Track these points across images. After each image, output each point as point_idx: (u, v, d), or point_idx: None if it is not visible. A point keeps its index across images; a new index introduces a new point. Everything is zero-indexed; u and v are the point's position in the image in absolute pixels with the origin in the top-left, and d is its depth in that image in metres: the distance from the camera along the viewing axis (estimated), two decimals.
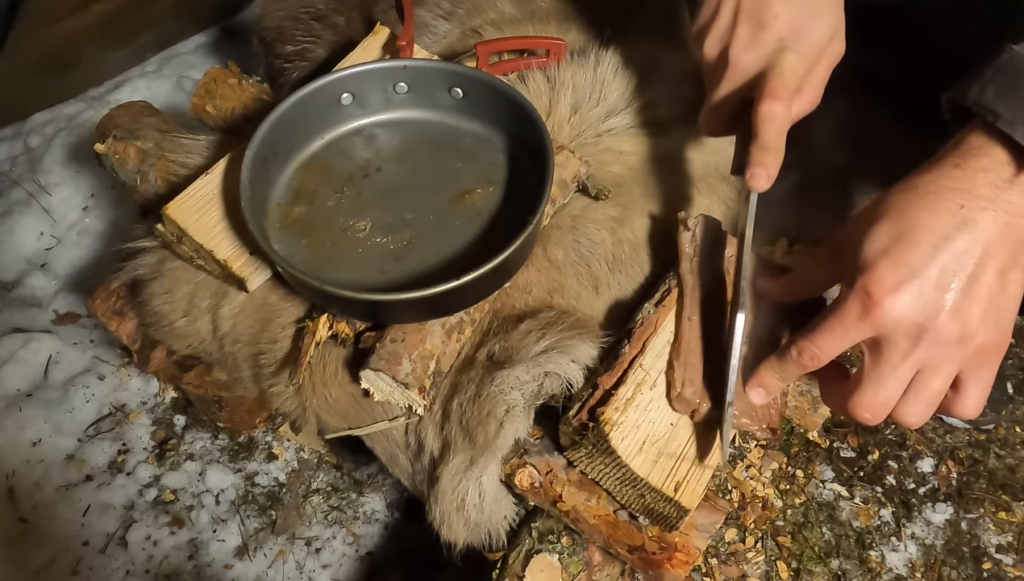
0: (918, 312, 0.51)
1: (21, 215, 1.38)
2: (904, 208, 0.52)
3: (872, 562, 1.10)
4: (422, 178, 0.79)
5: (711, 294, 0.70)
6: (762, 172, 0.62)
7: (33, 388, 1.20)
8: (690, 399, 0.65)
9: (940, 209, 0.51)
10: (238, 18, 1.70)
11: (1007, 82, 0.50)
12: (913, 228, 0.51)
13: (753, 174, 0.62)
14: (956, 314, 0.51)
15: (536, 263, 0.79)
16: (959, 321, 0.51)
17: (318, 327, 0.75)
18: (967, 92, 0.52)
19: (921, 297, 0.50)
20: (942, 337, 0.51)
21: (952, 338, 0.51)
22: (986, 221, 0.50)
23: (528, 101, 0.76)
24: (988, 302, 0.51)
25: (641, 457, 0.64)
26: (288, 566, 1.08)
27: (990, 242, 0.50)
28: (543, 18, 0.98)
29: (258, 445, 1.19)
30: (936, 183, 0.52)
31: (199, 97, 0.98)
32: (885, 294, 0.50)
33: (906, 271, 0.50)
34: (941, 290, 0.50)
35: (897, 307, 0.51)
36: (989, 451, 1.20)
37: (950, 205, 0.51)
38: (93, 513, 1.11)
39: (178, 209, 0.77)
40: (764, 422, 0.66)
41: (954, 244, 0.50)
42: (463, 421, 0.73)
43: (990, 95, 0.51)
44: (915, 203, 0.52)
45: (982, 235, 0.50)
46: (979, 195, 0.50)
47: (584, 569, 0.76)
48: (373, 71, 0.80)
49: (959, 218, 0.50)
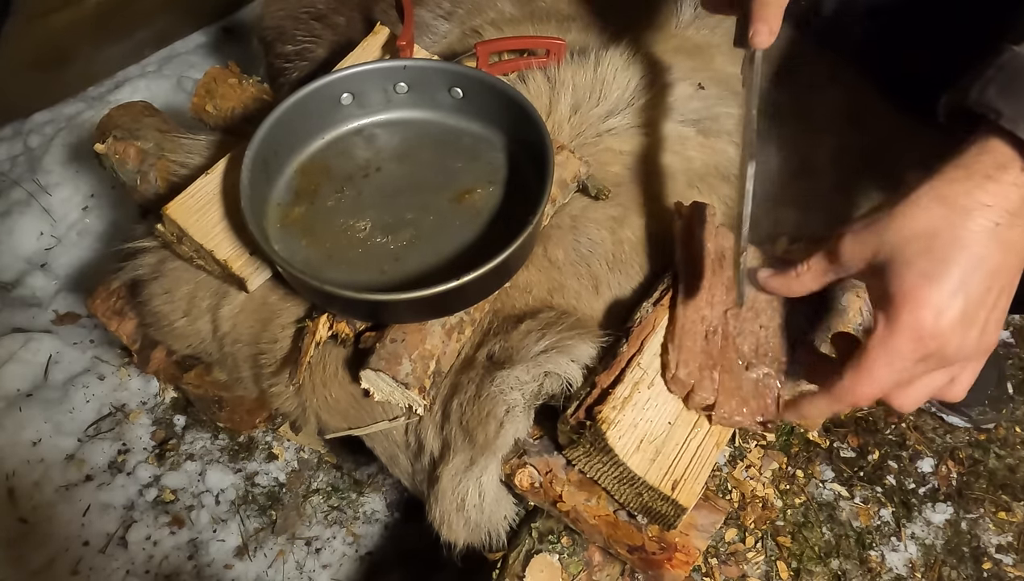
0: (961, 336, 0.51)
1: (21, 215, 1.38)
2: (938, 225, 0.51)
3: (872, 562, 1.10)
4: (422, 178, 0.79)
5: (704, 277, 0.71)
6: (763, 27, 0.62)
7: (33, 388, 1.20)
8: (685, 380, 0.66)
9: (977, 227, 0.50)
10: (238, 17, 1.70)
11: (1008, 81, 0.50)
12: (951, 247, 0.50)
13: (755, 31, 0.62)
14: (984, 329, 0.52)
15: (536, 263, 0.79)
16: (984, 334, 0.52)
17: (318, 327, 0.75)
18: (968, 93, 0.52)
19: (963, 320, 0.51)
20: (968, 351, 0.52)
21: (974, 349, 0.52)
22: (1016, 237, 0.50)
23: (528, 101, 0.76)
24: (1003, 311, 0.52)
25: (638, 455, 0.65)
26: (288, 566, 1.08)
27: (1019, 255, 0.51)
28: (543, 18, 0.98)
29: (258, 445, 1.19)
30: (970, 197, 0.50)
31: (199, 97, 0.98)
32: (935, 323, 0.50)
33: (951, 298, 0.50)
34: (979, 309, 0.51)
35: (945, 334, 0.51)
36: (989, 451, 1.20)
37: (987, 223, 0.50)
38: (93, 513, 1.11)
39: (178, 209, 0.77)
40: (759, 414, 0.66)
41: (988, 263, 0.50)
42: (463, 421, 0.73)
43: (991, 94, 0.51)
44: (950, 220, 0.50)
45: (1012, 251, 0.51)
46: (1012, 211, 0.50)
47: (584, 569, 0.76)
48: (373, 71, 0.80)
49: (996, 239, 0.50)
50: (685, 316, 0.69)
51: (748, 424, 0.66)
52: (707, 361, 0.67)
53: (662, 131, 0.86)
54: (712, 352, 0.67)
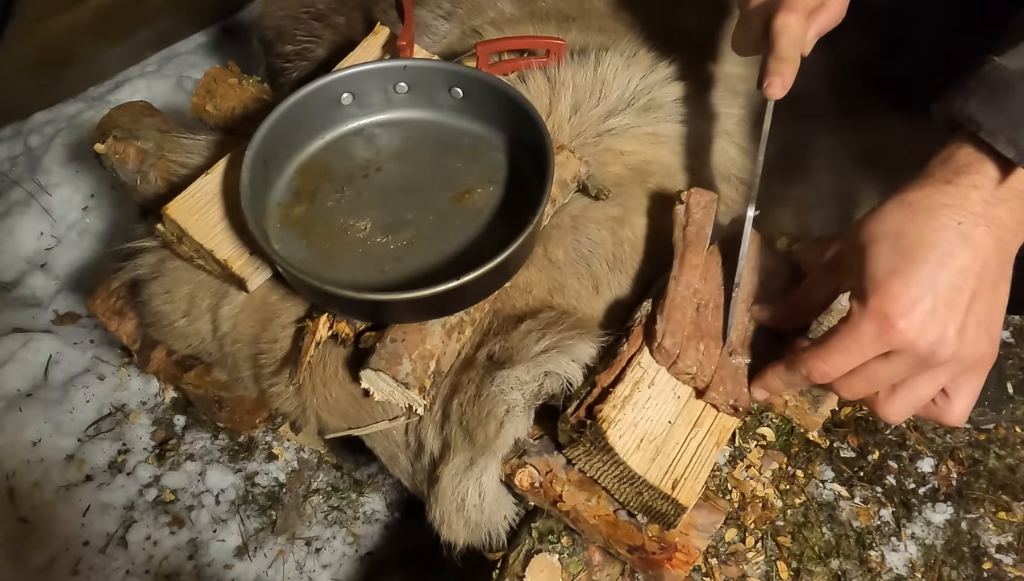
0: (931, 331, 0.51)
1: (21, 215, 1.38)
2: (904, 225, 0.52)
3: (872, 562, 1.10)
4: (422, 178, 0.79)
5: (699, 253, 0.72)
6: (777, 80, 0.65)
7: (33, 388, 1.20)
8: (670, 350, 0.67)
9: (939, 226, 0.51)
10: (238, 17, 1.70)
11: (989, 94, 0.51)
12: (917, 245, 0.51)
13: (769, 83, 0.65)
14: (961, 332, 0.52)
15: (536, 263, 0.79)
16: (962, 338, 0.52)
17: (318, 327, 0.75)
18: (952, 103, 0.53)
19: (934, 316, 0.51)
20: (945, 352, 0.52)
21: (953, 353, 0.52)
22: (982, 237, 0.51)
23: (528, 101, 0.76)
24: (985, 316, 0.53)
25: (639, 455, 0.65)
26: (288, 566, 1.08)
27: (987, 258, 0.51)
28: (543, 18, 0.98)
29: (258, 445, 1.19)
30: (931, 199, 0.52)
31: (199, 97, 0.98)
32: (900, 315, 0.51)
33: (918, 290, 0.51)
34: (950, 309, 0.51)
35: (913, 327, 0.51)
36: (989, 451, 1.20)
37: (948, 222, 0.51)
38: (93, 513, 1.11)
39: (178, 209, 0.77)
40: (732, 398, 0.67)
41: (957, 261, 0.51)
42: (463, 421, 0.73)
43: (973, 106, 0.51)
44: (914, 220, 0.52)
45: (980, 251, 0.51)
46: (974, 212, 0.51)
47: (584, 569, 0.76)
48: (373, 71, 0.80)
49: (958, 235, 0.51)
50: (676, 291, 0.70)
51: (720, 405, 0.67)
52: (695, 332, 0.68)
53: (662, 131, 0.86)
54: (701, 324, 0.69)
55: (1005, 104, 0.50)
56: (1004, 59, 0.51)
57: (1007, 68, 0.51)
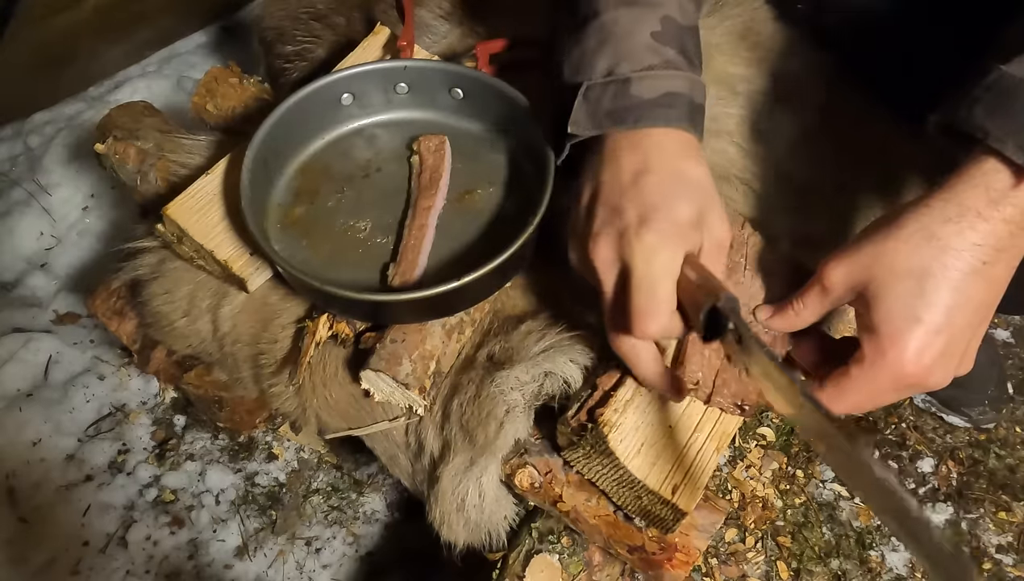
0: (940, 372, 0.52)
1: (21, 215, 1.38)
2: (931, 266, 0.51)
3: (872, 562, 1.10)
4: None
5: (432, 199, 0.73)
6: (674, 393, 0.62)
7: (33, 388, 1.20)
8: None
9: (967, 269, 0.51)
10: (238, 17, 1.70)
11: (996, 101, 0.50)
12: (941, 290, 0.51)
13: None
14: (964, 356, 0.53)
15: (536, 263, 0.79)
16: (966, 360, 0.54)
17: (318, 327, 0.74)
18: (956, 113, 0.52)
19: (944, 357, 0.52)
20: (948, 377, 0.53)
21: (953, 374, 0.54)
22: (1002, 271, 0.52)
23: (528, 101, 0.76)
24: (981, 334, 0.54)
25: (639, 459, 0.64)
26: (288, 566, 1.08)
27: (1001, 287, 0.52)
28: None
29: (258, 445, 1.19)
30: (962, 237, 0.51)
31: (200, 97, 0.98)
32: (914, 362, 0.51)
33: (937, 338, 0.51)
34: (960, 342, 0.52)
35: (924, 370, 0.52)
36: (989, 451, 1.20)
37: (976, 264, 0.51)
38: (93, 513, 1.11)
39: (178, 209, 0.77)
40: (738, 398, 0.66)
41: (975, 301, 0.51)
42: (463, 421, 0.73)
43: (979, 113, 0.51)
44: (941, 261, 0.51)
45: (996, 284, 0.52)
46: (1000, 248, 0.51)
47: (584, 569, 0.76)
48: (373, 71, 0.80)
49: (983, 277, 0.51)
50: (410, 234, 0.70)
51: (725, 406, 0.67)
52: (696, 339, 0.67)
53: None
54: None
55: (1013, 110, 0.50)
56: (1010, 67, 0.51)
57: (1014, 76, 0.50)
